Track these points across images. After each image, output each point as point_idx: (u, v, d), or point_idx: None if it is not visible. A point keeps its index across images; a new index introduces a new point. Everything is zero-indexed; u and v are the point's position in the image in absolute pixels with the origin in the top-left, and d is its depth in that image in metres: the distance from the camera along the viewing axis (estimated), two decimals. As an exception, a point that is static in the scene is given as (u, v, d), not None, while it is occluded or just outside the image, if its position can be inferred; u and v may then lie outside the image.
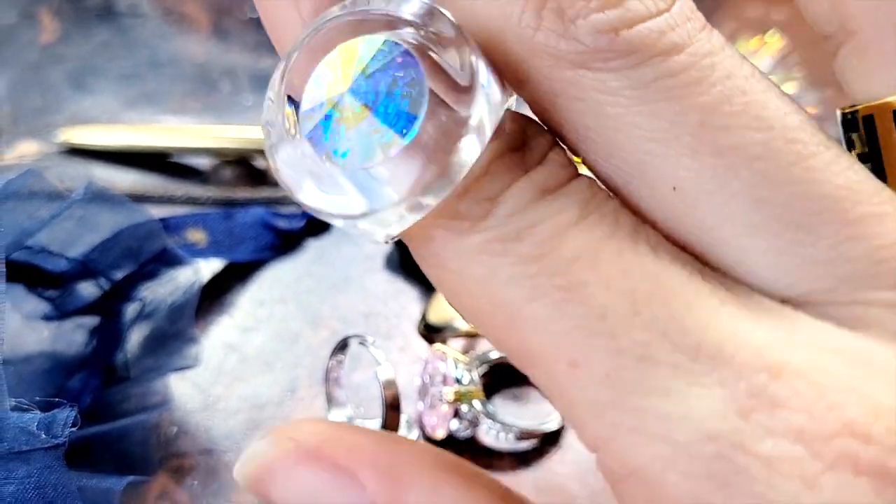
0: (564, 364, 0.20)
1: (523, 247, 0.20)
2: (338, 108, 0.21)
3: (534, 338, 0.20)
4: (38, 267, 0.45)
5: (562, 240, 0.20)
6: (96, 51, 0.77)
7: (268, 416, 0.47)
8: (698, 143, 0.20)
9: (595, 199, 0.21)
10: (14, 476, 0.36)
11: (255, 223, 0.58)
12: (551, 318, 0.20)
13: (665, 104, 0.20)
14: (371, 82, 0.21)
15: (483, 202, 0.21)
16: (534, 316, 0.20)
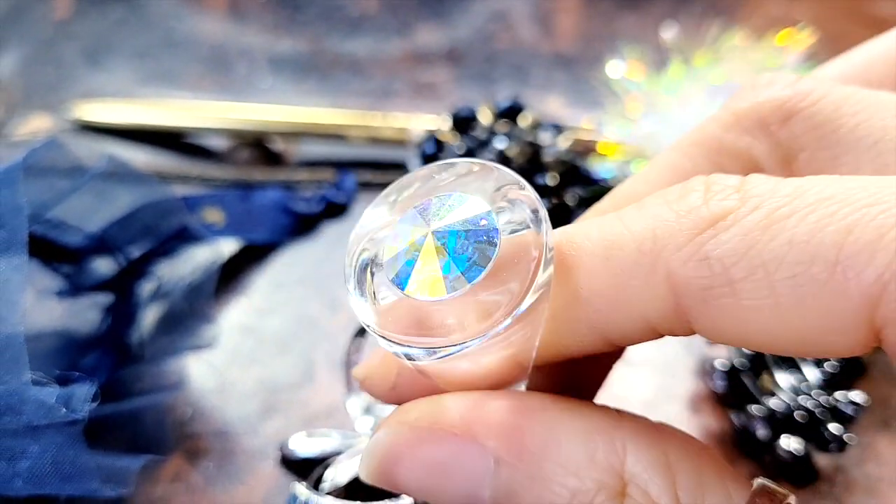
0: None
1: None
2: (423, 248, 0.25)
3: None
4: (55, 241, 0.45)
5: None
6: (111, 28, 0.76)
7: (284, 400, 0.46)
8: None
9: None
10: (31, 451, 0.36)
11: (273, 205, 0.57)
12: None
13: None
14: (456, 238, 0.25)
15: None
16: None
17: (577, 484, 0.25)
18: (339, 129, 0.63)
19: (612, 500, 0.25)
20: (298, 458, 0.42)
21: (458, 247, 0.24)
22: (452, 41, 0.74)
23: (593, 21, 0.75)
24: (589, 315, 0.26)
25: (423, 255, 0.24)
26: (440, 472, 0.26)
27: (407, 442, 0.27)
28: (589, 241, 0.26)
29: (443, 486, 0.27)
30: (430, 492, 0.27)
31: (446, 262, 0.24)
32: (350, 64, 0.73)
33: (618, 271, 0.25)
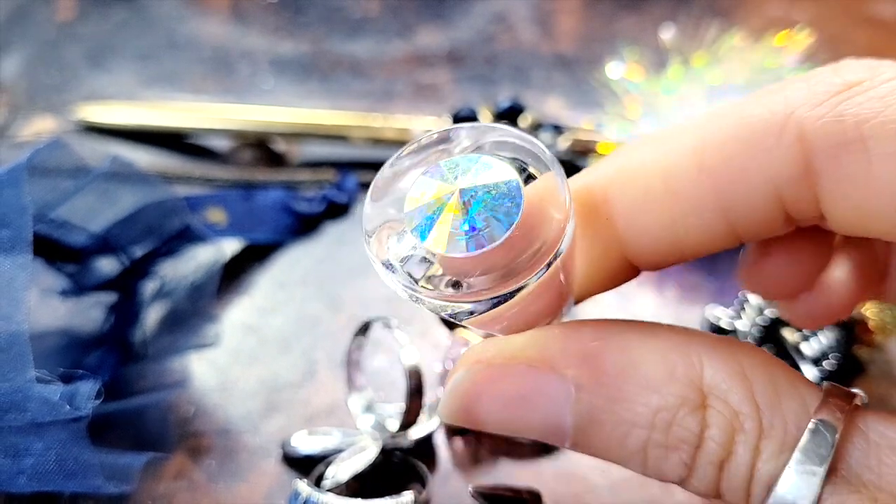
0: None
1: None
2: (448, 203, 0.25)
3: None
4: (59, 241, 0.45)
5: None
6: (114, 30, 0.76)
7: (285, 399, 0.46)
8: None
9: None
10: (35, 448, 0.36)
11: (275, 205, 0.57)
12: None
13: None
14: (482, 197, 0.24)
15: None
16: None
17: (658, 401, 0.26)
18: (340, 129, 0.64)
19: (694, 413, 0.25)
20: (300, 455, 0.43)
21: (484, 204, 0.24)
22: (453, 42, 0.74)
23: (593, 22, 0.75)
24: (715, 191, 0.26)
25: (448, 211, 0.24)
26: (521, 404, 0.27)
27: (486, 378, 0.27)
28: (718, 115, 0.27)
29: (524, 418, 0.27)
30: (512, 425, 0.28)
31: (470, 219, 0.24)
32: (351, 65, 0.73)
33: (748, 135, 0.26)
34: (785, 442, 0.25)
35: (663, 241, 0.28)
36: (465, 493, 0.40)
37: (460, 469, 0.43)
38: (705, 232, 0.27)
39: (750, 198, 0.26)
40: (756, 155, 0.26)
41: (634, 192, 0.28)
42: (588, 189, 0.29)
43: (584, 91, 0.69)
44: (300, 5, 0.77)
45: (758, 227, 0.27)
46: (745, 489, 0.25)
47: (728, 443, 0.25)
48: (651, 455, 0.26)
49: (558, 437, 0.27)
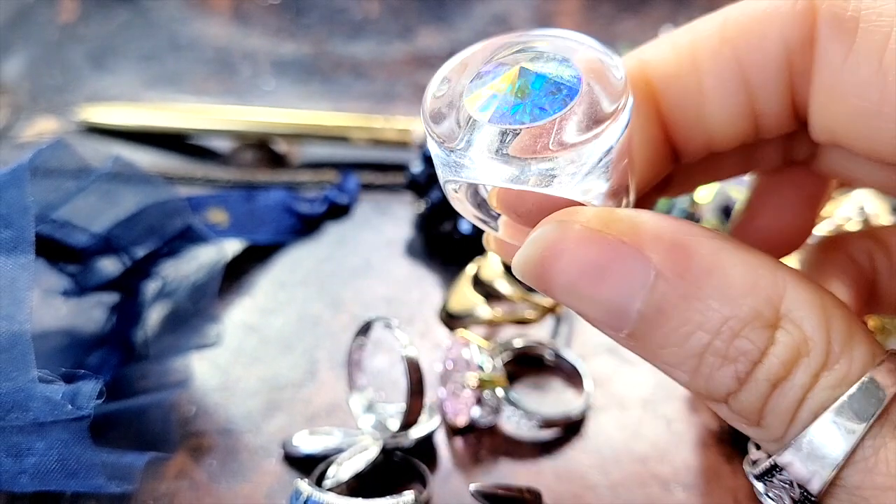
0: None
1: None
2: (517, 83, 0.25)
3: None
4: (61, 241, 0.45)
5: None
6: (116, 31, 0.76)
7: (287, 398, 0.46)
8: None
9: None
10: (37, 448, 0.36)
11: (276, 206, 0.58)
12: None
13: None
14: (544, 76, 0.25)
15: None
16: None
17: (732, 310, 0.25)
18: (341, 130, 0.64)
19: (765, 330, 0.25)
20: (301, 455, 0.43)
21: (547, 81, 0.25)
22: (453, 44, 0.74)
23: (593, 24, 0.75)
24: (736, 60, 0.28)
25: (519, 90, 0.25)
26: (597, 275, 0.26)
27: (574, 238, 0.26)
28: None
29: (595, 290, 0.27)
30: (580, 295, 0.27)
31: (538, 93, 0.25)
32: (352, 67, 0.73)
33: (764, 5, 0.28)
34: (845, 378, 0.25)
35: (693, 115, 0.29)
36: (466, 492, 0.41)
37: (461, 468, 0.43)
38: (728, 104, 0.29)
39: (765, 64, 0.28)
40: (772, 19, 0.27)
41: (668, 65, 0.29)
42: (631, 67, 0.30)
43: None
44: (301, 7, 0.77)
45: (772, 106, 0.29)
46: (791, 413, 0.25)
47: (790, 363, 0.25)
48: (706, 362, 0.26)
49: (620, 321, 0.27)
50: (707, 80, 0.29)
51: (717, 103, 0.29)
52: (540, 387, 0.47)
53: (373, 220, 0.60)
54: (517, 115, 0.25)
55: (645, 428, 0.45)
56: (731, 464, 0.43)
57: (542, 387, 0.47)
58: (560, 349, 0.48)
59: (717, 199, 0.54)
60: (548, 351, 0.49)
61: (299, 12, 0.77)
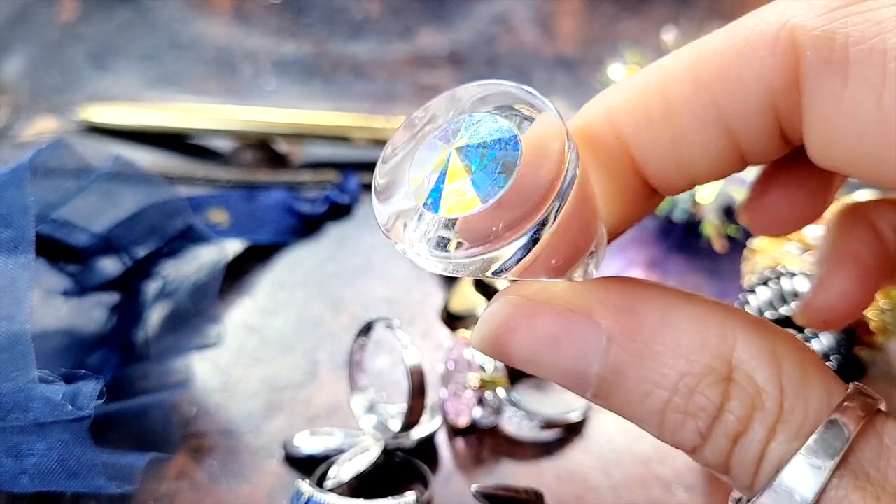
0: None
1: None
2: (448, 167, 0.24)
3: None
4: (61, 241, 0.45)
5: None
6: (117, 31, 0.76)
7: (287, 399, 0.46)
8: None
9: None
10: (37, 448, 0.36)
11: (277, 206, 0.57)
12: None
13: None
14: (479, 152, 0.24)
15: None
16: None
17: (685, 367, 0.25)
18: (342, 130, 0.64)
19: (719, 385, 0.25)
20: (302, 455, 0.43)
21: (482, 158, 0.24)
22: (454, 44, 0.74)
23: (594, 24, 0.75)
24: (713, 104, 0.26)
25: (452, 175, 0.24)
26: (552, 345, 0.27)
27: (524, 313, 0.27)
28: (714, 32, 0.27)
29: (553, 359, 0.27)
30: (540, 364, 0.27)
31: (474, 176, 0.24)
32: (353, 66, 0.73)
33: (742, 44, 0.26)
34: (802, 428, 0.25)
35: (671, 162, 0.28)
36: (467, 493, 0.40)
37: (462, 469, 0.43)
38: (709, 149, 0.27)
39: (746, 109, 0.26)
40: (750, 63, 0.26)
41: (637, 112, 0.28)
42: (596, 115, 0.29)
43: (585, 92, 0.68)
44: (302, 7, 0.77)
45: (758, 143, 0.27)
46: (754, 466, 0.25)
47: (746, 418, 0.25)
48: (669, 418, 0.26)
49: (581, 385, 0.27)
50: (683, 125, 0.27)
51: (697, 147, 0.28)
52: (541, 387, 0.47)
53: (374, 220, 0.59)
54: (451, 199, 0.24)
55: (647, 429, 0.44)
56: (733, 465, 0.42)
57: (544, 387, 0.47)
58: (561, 350, 0.48)
59: (718, 200, 0.54)
60: (549, 351, 0.49)
61: (300, 12, 0.76)
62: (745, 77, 0.26)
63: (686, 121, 0.27)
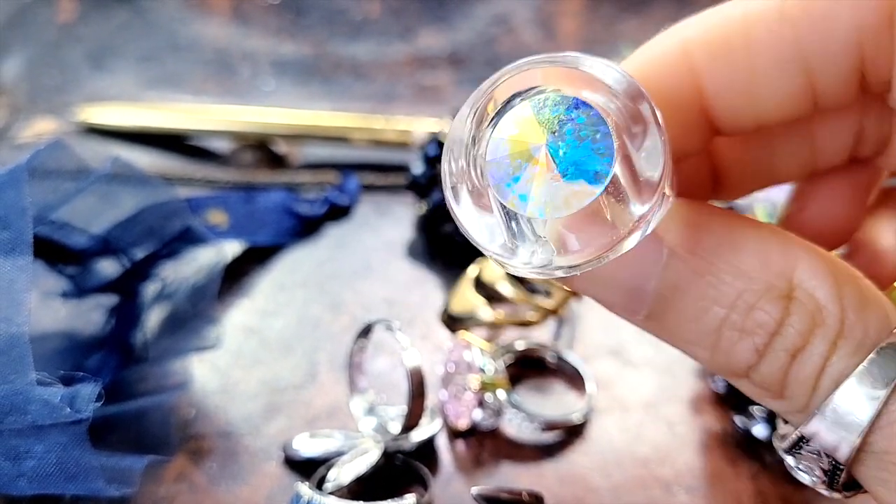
0: None
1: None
2: (532, 160, 0.23)
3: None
4: (59, 243, 0.45)
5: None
6: (115, 32, 0.76)
7: (287, 401, 0.46)
8: None
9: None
10: (35, 451, 0.36)
11: (276, 207, 0.57)
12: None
13: None
14: (563, 138, 0.23)
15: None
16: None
17: (746, 284, 0.25)
18: (341, 131, 0.64)
19: (779, 301, 0.25)
20: (301, 458, 0.42)
21: (574, 147, 0.23)
22: (454, 45, 0.74)
23: (595, 24, 0.75)
24: (796, 40, 0.26)
25: (540, 169, 0.23)
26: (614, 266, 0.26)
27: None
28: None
29: (610, 273, 0.27)
30: (596, 280, 0.27)
31: (569, 171, 0.23)
32: (353, 67, 0.73)
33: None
34: (862, 345, 0.25)
35: (743, 96, 0.28)
36: (467, 495, 0.40)
37: (462, 472, 0.42)
38: (785, 86, 0.27)
39: (831, 46, 0.26)
40: (841, 2, 0.25)
41: (715, 43, 0.27)
42: (670, 45, 0.28)
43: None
44: (301, 7, 0.77)
45: (834, 85, 0.27)
46: (812, 382, 0.25)
47: (807, 332, 0.25)
48: (725, 336, 0.26)
49: (636, 303, 0.27)
50: (762, 59, 0.27)
51: (773, 83, 0.27)
52: (542, 389, 0.47)
53: (373, 221, 0.60)
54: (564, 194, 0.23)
55: (647, 430, 0.44)
56: (733, 466, 0.42)
57: (544, 389, 0.47)
58: (562, 351, 0.48)
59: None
60: (550, 353, 0.48)
61: (299, 13, 0.76)
62: (834, 14, 0.26)
63: (766, 54, 0.27)
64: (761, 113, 0.28)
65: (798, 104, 0.28)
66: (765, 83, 0.27)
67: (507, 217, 0.24)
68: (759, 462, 0.43)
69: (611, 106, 0.24)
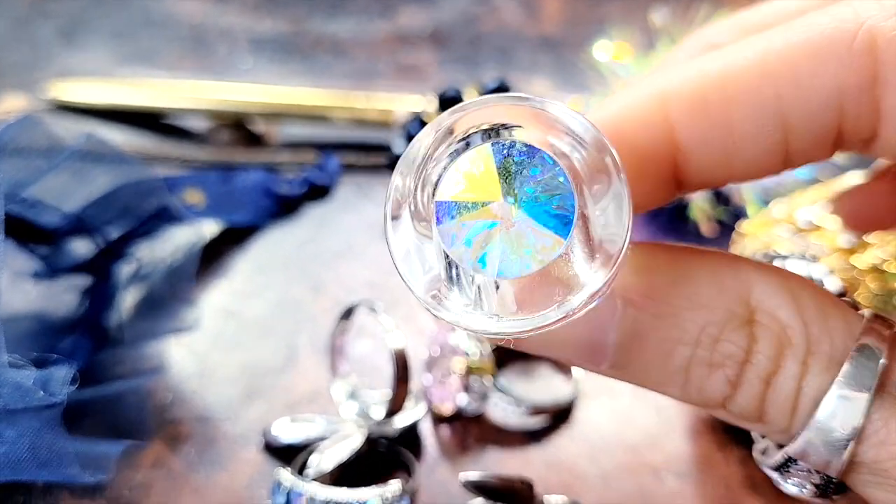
0: None
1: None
2: (487, 213, 0.22)
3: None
4: (31, 221, 0.43)
5: None
6: (88, 6, 0.75)
7: (267, 385, 0.45)
8: None
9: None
10: (7, 436, 0.35)
11: (255, 187, 0.56)
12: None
13: None
14: (522, 196, 0.22)
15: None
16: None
17: (706, 316, 0.25)
18: (321, 110, 0.62)
19: (743, 329, 0.25)
20: (282, 443, 0.42)
21: (536, 204, 0.22)
22: (436, 23, 0.73)
23: (578, 4, 0.74)
24: (776, 98, 0.26)
25: (494, 226, 0.22)
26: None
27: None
28: (782, 26, 0.26)
29: (566, 334, 0.26)
30: (553, 343, 0.27)
31: (531, 231, 0.22)
32: (332, 45, 0.72)
33: (817, 42, 0.25)
34: (832, 357, 0.25)
35: (718, 152, 0.27)
36: (453, 481, 0.40)
37: (447, 457, 0.42)
38: (760, 143, 0.27)
39: (811, 105, 0.26)
40: (824, 61, 0.25)
41: (693, 97, 0.27)
42: (648, 97, 0.28)
43: (569, 72, 0.68)
44: (280, -17, 0.75)
45: (810, 142, 0.27)
46: (791, 404, 0.25)
47: (777, 356, 0.25)
48: (694, 374, 0.26)
49: (598, 357, 0.27)
50: (740, 115, 0.26)
51: (748, 140, 0.27)
52: (528, 373, 0.46)
53: (354, 201, 0.59)
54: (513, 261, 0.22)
55: (635, 415, 0.44)
56: (723, 451, 0.42)
57: (531, 373, 0.46)
58: (548, 335, 0.48)
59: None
60: (535, 336, 0.48)
61: (277, -11, 0.75)
62: (817, 74, 0.25)
63: (744, 111, 0.26)
64: (735, 169, 0.28)
65: (772, 160, 0.27)
66: (741, 139, 0.27)
67: (448, 263, 0.23)
68: (748, 447, 0.42)
69: (575, 155, 0.23)
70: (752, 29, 0.30)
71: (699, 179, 0.28)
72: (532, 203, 0.22)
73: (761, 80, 0.26)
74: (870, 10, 0.25)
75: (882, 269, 0.45)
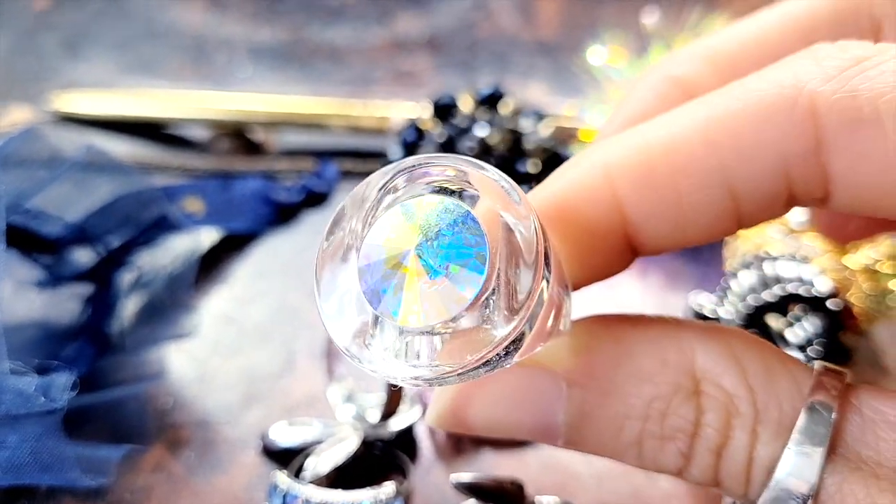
0: None
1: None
2: (402, 268, 0.22)
3: None
4: (34, 231, 0.44)
5: None
6: (91, 19, 0.75)
7: (265, 389, 0.46)
8: None
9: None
10: (9, 441, 0.35)
11: (254, 195, 0.57)
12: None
13: None
14: (438, 245, 0.22)
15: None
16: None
17: (652, 391, 0.25)
18: (319, 118, 0.63)
19: (689, 400, 0.25)
20: (279, 447, 0.42)
21: (446, 252, 0.22)
22: (433, 29, 0.74)
23: (574, 8, 0.75)
24: (721, 167, 0.25)
25: (410, 278, 0.22)
26: (511, 404, 0.27)
27: (477, 381, 0.25)
28: (722, 92, 0.26)
29: (515, 418, 0.27)
30: (503, 427, 0.27)
31: (444, 286, 0.21)
32: (330, 53, 0.73)
33: (756, 109, 0.25)
34: (781, 423, 0.25)
35: (666, 222, 0.27)
36: (448, 483, 0.40)
37: (442, 460, 0.42)
38: (709, 211, 0.27)
39: (757, 173, 0.25)
40: (766, 129, 0.25)
41: (639, 170, 0.27)
42: (592, 170, 0.27)
43: (565, 77, 0.68)
44: (278, -8, 0.76)
45: (761, 205, 0.27)
46: (744, 474, 0.25)
47: (725, 427, 0.25)
48: (647, 447, 0.26)
49: (550, 436, 0.27)
50: (687, 186, 0.26)
51: (697, 209, 0.26)
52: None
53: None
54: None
55: (628, 416, 0.44)
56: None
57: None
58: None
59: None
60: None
61: (276, -2, 0.76)
62: (760, 142, 0.25)
63: (690, 182, 0.26)
64: (688, 234, 0.28)
65: (723, 225, 0.27)
66: (690, 209, 0.27)
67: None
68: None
69: (520, 227, 0.22)
70: (714, 58, 0.30)
71: (653, 246, 0.28)
72: (448, 259, 0.22)
73: (705, 150, 0.25)
74: (809, 72, 0.24)
75: (874, 269, 0.45)
